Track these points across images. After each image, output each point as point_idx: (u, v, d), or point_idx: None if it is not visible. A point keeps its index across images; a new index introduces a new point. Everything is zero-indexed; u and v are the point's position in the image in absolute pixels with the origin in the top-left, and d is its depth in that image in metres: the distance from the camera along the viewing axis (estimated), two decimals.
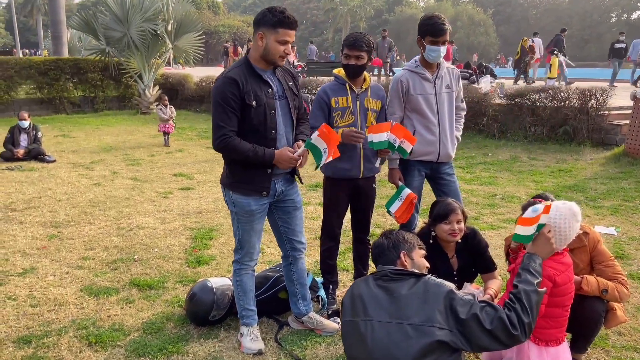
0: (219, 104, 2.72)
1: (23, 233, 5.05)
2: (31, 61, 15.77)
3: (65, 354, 2.98)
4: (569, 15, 66.57)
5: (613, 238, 5.03)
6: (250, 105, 2.75)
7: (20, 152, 8.65)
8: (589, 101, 9.72)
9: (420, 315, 2.08)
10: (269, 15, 2.71)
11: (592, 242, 2.74)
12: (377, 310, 2.18)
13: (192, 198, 6.44)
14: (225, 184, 2.96)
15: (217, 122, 2.73)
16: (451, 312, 2.04)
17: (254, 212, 2.93)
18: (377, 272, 2.34)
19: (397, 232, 2.45)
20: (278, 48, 2.75)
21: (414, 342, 2.04)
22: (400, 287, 2.19)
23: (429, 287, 2.15)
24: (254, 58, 2.83)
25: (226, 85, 2.71)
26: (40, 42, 52.58)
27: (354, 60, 3.26)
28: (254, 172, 2.85)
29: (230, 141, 2.72)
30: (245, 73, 2.78)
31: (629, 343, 3.17)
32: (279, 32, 2.72)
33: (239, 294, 3.12)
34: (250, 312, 3.13)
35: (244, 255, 3.07)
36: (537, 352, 2.39)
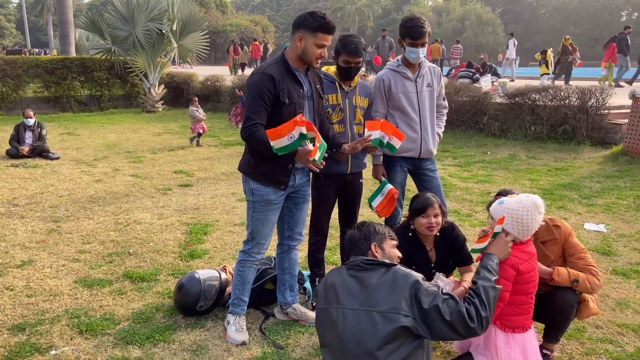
0: (254, 97, 2.84)
1: (24, 227, 5.20)
2: (39, 60, 16.00)
3: (57, 340, 3.10)
4: (579, 14, 66.10)
5: (602, 235, 5.09)
6: (283, 102, 2.87)
7: (25, 149, 8.83)
8: (588, 100, 9.74)
9: (388, 303, 2.17)
10: (311, 20, 2.85)
11: (563, 235, 2.82)
12: (348, 298, 2.28)
13: (191, 194, 6.57)
14: (247, 172, 3.05)
15: (248, 114, 2.85)
16: (415, 301, 2.14)
17: (272, 202, 3.04)
18: (349, 262, 2.44)
19: (369, 224, 2.54)
20: (315, 51, 2.88)
21: (380, 328, 2.14)
22: (370, 277, 2.29)
23: (397, 276, 2.25)
24: (290, 57, 2.96)
25: (263, 81, 2.83)
26: (50, 42, 53.08)
27: (353, 65, 3.38)
28: (275, 165, 2.95)
29: (256, 131, 2.81)
30: (282, 71, 2.90)
31: (605, 336, 3.24)
32: (318, 36, 2.86)
33: (237, 283, 3.20)
34: (243, 302, 3.23)
35: (253, 247, 3.13)
36: (503, 339, 2.48)
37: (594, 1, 66.52)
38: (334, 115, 3.49)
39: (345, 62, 3.36)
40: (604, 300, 3.69)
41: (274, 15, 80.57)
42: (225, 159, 8.94)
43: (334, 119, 3.48)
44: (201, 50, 16.50)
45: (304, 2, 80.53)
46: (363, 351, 2.14)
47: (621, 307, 3.60)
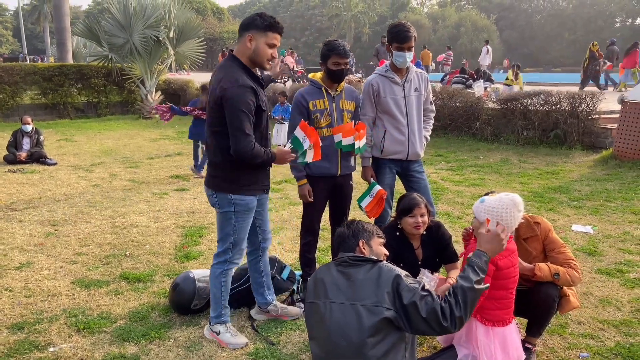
0: (242, 111, 2.78)
1: (22, 231, 5.29)
2: (36, 67, 16.12)
3: (55, 338, 3.20)
4: (573, 20, 66.61)
5: (589, 236, 5.21)
6: (264, 110, 2.94)
7: (23, 155, 8.92)
8: (579, 105, 9.89)
9: (373, 297, 2.27)
10: (260, 20, 2.88)
11: (543, 231, 2.93)
12: (336, 292, 2.38)
13: (186, 199, 6.67)
14: (223, 188, 2.98)
15: (244, 131, 2.79)
16: (397, 295, 2.24)
17: (253, 209, 3.10)
18: (338, 258, 2.54)
19: (357, 222, 2.65)
20: (267, 51, 2.90)
21: (365, 321, 2.24)
22: (357, 272, 2.39)
23: (382, 272, 2.35)
24: (243, 60, 2.93)
25: (247, 94, 2.80)
26: (47, 49, 53.21)
27: (343, 66, 3.50)
28: (258, 172, 3.04)
29: (256, 147, 2.83)
30: (251, 78, 2.88)
31: (587, 331, 3.35)
32: (268, 36, 2.88)
33: (222, 294, 3.17)
34: (227, 310, 3.25)
35: (235, 254, 3.13)
36: (484, 332, 2.58)
37: (589, 8, 67.08)
38: (322, 119, 3.60)
39: (336, 64, 3.48)
40: (587, 298, 3.80)
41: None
42: None
43: (322, 124, 3.59)
44: (198, 57, 16.64)
45: (300, 9, 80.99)
46: (348, 343, 2.23)
47: (603, 304, 3.71)
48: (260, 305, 3.49)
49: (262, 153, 2.88)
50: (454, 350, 2.67)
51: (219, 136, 2.91)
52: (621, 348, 3.12)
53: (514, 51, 62.97)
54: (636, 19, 66.78)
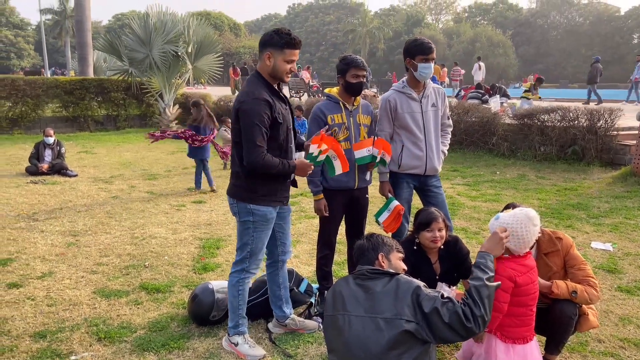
0: (255, 124, 2.88)
1: (43, 241, 5.39)
2: (58, 81, 16.49)
3: (77, 347, 3.25)
4: (590, 36, 66.27)
5: (608, 253, 5.15)
6: (280, 123, 3.01)
7: (45, 166, 9.11)
8: (597, 121, 9.81)
9: (392, 310, 2.29)
10: (277, 37, 2.97)
11: (565, 247, 2.92)
12: (354, 305, 2.40)
13: (204, 211, 6.74)
14: (245, 197, 3.07)
15: (255, 142, 2.89)
16: (418, 306, 2.26)
17: (272, 220, 3.16)
18: (356, 271, 2.56)
19: (377, 236, 2.67)
20: (285, 66, 3.01)
21: (385, 334, 2.26)
22: (375, 285, 2.41)
23: (400, 284, 2.37)
24: (265, 77, 3.05)
25: (262, 107, 2.90)
26: (68, 63, 54.38)
27: (362, 78, 3.57)
28: (276, 183, 3.09)
29: (267, 158, 2.91)
30: (270, 92, 3.00)
31: (607, 349, 3.31)
32: (285, 53, 2.98)
33: (239, 303, 3.21)
34: (245, 320, 3.29)
35: (252, 263, 3.19)
36: (504, 349, 2.57)
37: (605, 24, 66.68)
38: (340, 133, 3.64)
39: (355, 76, 3.53)
40: (607, 316, 3.76)
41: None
42: None
43: (340, 137, 3.64)
44: (215, 71, 16.89)
45: (316, 24, 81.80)
46: (368, 356, 2.25)
47: (624, 323, 3.67)
48: (278, 319, 3.51)
49: (275, 164, 2.94)
50: None
51: (238, 147, 3.03)
52: None
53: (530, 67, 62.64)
54: None
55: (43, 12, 53.78)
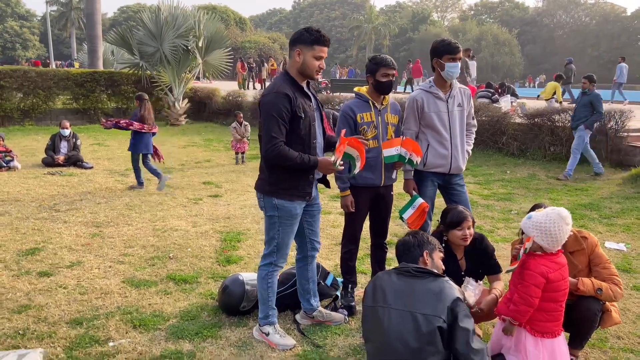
0: (273, 117, 2.99)
1: (68, 231, 5.50)
2: (69, 73, 16.59)
3: (114, 334, 3.36)
4: (596, 36, 66.14)
5: (622, 253, 5.24)
6: (300, 117, 3.08)
7: (61, 158, 9.23)
8: (608, 122, 9.89)
9: (432, 309, 2.43)
10: (307, 34, 3.09)
11: (590, 246, 3.02)
12: (395, 299, 2.52)
13: (221, 205, 6.85)
14: (267, 191, 3.18)
15: (271, 134, 2.99)
16: (452, 313, 2.43)
17: (297, 215, 3.25)
18: (400, 267, 2.68)
19: (422, 233, 2.81)
20: (314, 63, 3.10)
21: (423, 329, 2.39)
22: (418, 283, 2.55)
23: (445, 287, 2.52)
24: (292, 73, 3.15)
25: (280, 100, 3.01)
26: (73, 55, 54.47)
27: (391, 77, 3.65)
28: (299, 178, 3.16)
29: (282, 149, 3.00)
30: (293, 87, 3.10)
31: (627, 346, 3.41)
32: (315, 49, 3.08)
33: (269, 295, 3.32)
34: (275, 311, 3.40)
35: (279, 257, 3.30)
36: (533, 342, 2.68)
37: (612, 24, 66.50)
38: (369, 132, 3.73)
39: (385, 75, 3.62)
40: (625, 314, 3.85)
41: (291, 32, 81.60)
42: (250, 172, 9.23)
43: (369, 136, 3.73)
44: (225, 66, 16.97)
45: (321, 20, 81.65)
46: (407, 349, 2.37)
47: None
48: (305, 311, 3.61)
49: (293, 156, 3.01)
50: (504, 358, 2.77)
51: (261, 141, 3.14)
52: None
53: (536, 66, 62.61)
54: None
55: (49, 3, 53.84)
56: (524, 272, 2.66)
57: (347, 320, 3.64)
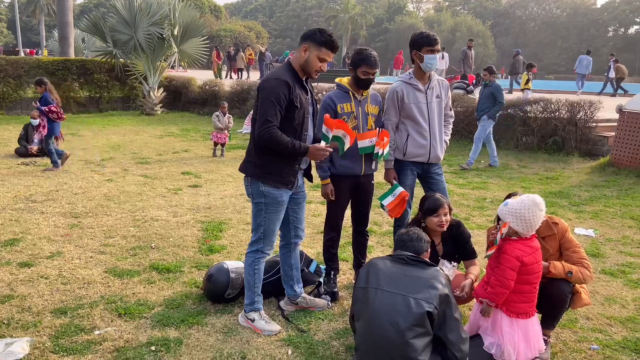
0: (271, 101, 3.08)
1: (46, 222, 5.45)
2: (40, 61, 16.17)
3: (99, 322, 3.39)
4: (567, 28, 67.49)
5: (591, 239, 5.47)
6: (296, 107, 3.17)
7: (34, 148, 9.05)
8: (577, 113, 10.21)
9: (424, 293, 2.57)
10: (319, 35, 3.19)
11: (561, 231, 3.17)
12: (388, 282, 2.66)
13: (201, 195, 6.85)
14: (254, 174, 3.25)
15: (266, 117, 3.08)
16: (445, 302, 2.60)
17: (283, 203, 3.33)
18: (394, 254, 2.82)
19: (420, 230, 3.03)
20: (317, 63, 3.21)
21: (414, 311, 2.52)
22: (412, 270, 2.72)
23: (438, 276, 2.68)
24: (295, 66, 3.25)
25: (280, 86, 3.10)
26: (42, 42, 52.96)
27: (371, 76, 3.73)
28: (285, 166, 3.25)
29: (275, 132, 3.09)
30: (294, 78, 3.19)
31: (595, 326, 3.60)
32: (322, 51, 3.19)
33: (255, 281, 3.40)
34: (261, 298, 3.48)
35: (266, 244, 3.38)
36: (508, 323, 2.83)
37: (582, 16, 67.91)
38: (348, 122, 3.81)
39: (365, 73, 3.70)
40: (593, 296, 4.05)
41: (267, 21, 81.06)
42: (230, 162, 9.24)
43: (349, 126, 3.81)
44: (201, 55, 16.80)
45: (297, 9, 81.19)
46: (395, 328, 2.49)
47: (609, 302, 3.97)
48: (289, 297, 3.69)
49: (284, 140, 3.10)
50: (481, 338, 2.91)
51: (254, 123, 3.22)
52: (628, 342, 3.37)
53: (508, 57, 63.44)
54: (629, 28, 67.69)
55: None
56: (500, 256, 2.80)
57: (330, 305, 3.74)
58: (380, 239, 5.32)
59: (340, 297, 3.89)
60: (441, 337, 2.58)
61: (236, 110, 15.28)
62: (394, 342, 2.51)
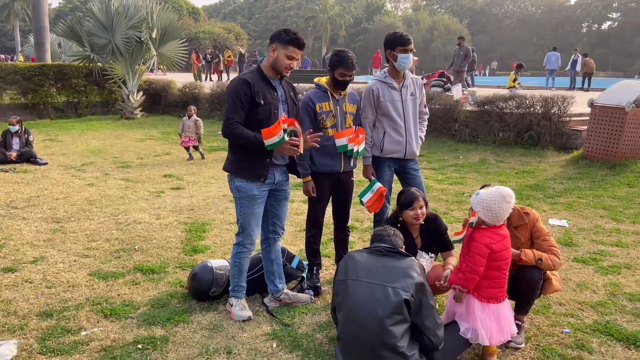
0: (232, 100, 3.29)
1: (28, 227, 5.45)
2: (16, 67, 15.99)
3: (85, 323, 3.44)
4: (542, 25, 68.59)
5: (564, 229, 5.66)
6: (259, 103, 3.32)
7: (13, 154, 8.98)
8: (551, 108, 10.45)
9: (400, 283, 2.69)
10: (284, 34, 3.36)
11: (532, 221, 3.32)
12: (366, 273, 2.78)
13: (183, 197, 6.90)
14: (230, 169, 3.47)
15: (228, 114, 3.30)
16: (421, 290, 2.72)
17: (255, 197, 3.45)
18: (372, 247, 2.94)
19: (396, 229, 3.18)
20: (285, 61, 3.36)
21: (392, 300, 2.64)
22: (388, 261, 2.84)
23: (413, 265, 2.80)
24: (264, 66, 3.43)
25: (240, 85, 3.29)
26: (17, 48, 52.08)
27: (348, 77, 3.85)
28: (254, 160, 3.39)
29: (235, 128, 3.28)
30: (257, 77, 3.37)
31: (568, 311, 3.75)
32: (289, 49, 3.35)
33: (235, 273, 3.59)
34: (242, 287, 3.64)
35: (245, 238, 3.53)
36: (480, 307, 2.97)
37: (556, 13, 69.07)
38: (327, 120, 3.92)
39: (342, 74, 3.81)
40: (566, 283, 4.21)
41: (246, 22, 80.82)
42: (211, 164, 9.28)
43: (327, 124, 3.92)
44: (180, 58, 16.76)
45: (276, 10, 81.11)
46: (374, 317, 2.61)
47: (581, 288, 4.13)
48: (272, 293, 3.79)
49: (246, 135, 3.28)
50: (457, 324, 3.03)
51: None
52: (598, 325, 3.53)
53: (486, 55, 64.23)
54: (602, 25, 69.10)
55: None
56: (470, 243, 2.94)
57: (313, 300, 3.84)
58: (361, 234, 5.43)
59: (323, 292, 3.99)
60: (418, 324, 2.70)
61: (217, 113, 15.29)
62: (374, 330, 2.62)
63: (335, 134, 3.88)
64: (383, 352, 2.61)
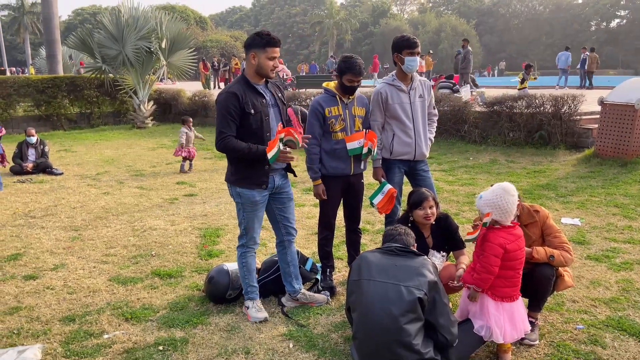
0: (222, 114, 3.35)
1: (47, 236, 5.57)
2: (29, 80, 16.28)
3: (107, 327, 3.53)
4: (550, 24, 68.25)
5: (577, 228, 5.67)
6: (249, 113, 3.39)
7: (29, 165, 9.16)
8: (562, 107, 10.43)
9: (414, 281, 2.75)
10: (258, 39, 3.41)
11: (542, 218, 3.36)
12: (379, 273, 2.84)
13: (197, 203, 7.00)
14: (231, 180, 3.57)
15: (220, 129, 3.37)
16: (434, 289, 2.76)
17: (258, 202, 3.55)
18: (384, 247, 3.00)
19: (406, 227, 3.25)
20: (268, 63, 3.41)
21: (405, 298, 2.69)
22: (401, 260, 2.89)
23: (426, 264, 2.86)
24: (249, 74, 3.48)
25: (229, 99, 3.35)
26: (28, 60, 52.86)
27: (356, 83, 3.92)
28: (254, 168, 3.48)
29: (228, 142, 3.36)
30: (244, 87, 3.42)
31: (581, 308, 3.78)
32: (267, 51, 3.40)
33: (244, 273, 3.69)
34: (254, 288, 3.72)
35: (248, 240, 3.66)
36: (494, 306, 3.00)
37: (564, 12, 68.70)
38: (337, 124, 3.99)
39: (350, 80, 3.88)
40: (579, 280, 4.23)
41: (252, 30, 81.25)
42: (223, 170, 9.27)
43: (337, 128, 3.99)
44: (189, 67, 16.95)
45: (282, 17, 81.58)
46: (389, 316, 2.67)
47: (594, 285, 4.15)
48: (290, 293, 3.86)
49: (240, 147, 3.35)
50: (471, 322, 3.07)
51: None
52: (611, 320, 3.55)
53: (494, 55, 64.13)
54: (610, 22, 68.58)
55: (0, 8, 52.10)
56: (485, 244, 2.97)
57: (329, 300, 3.91)
58: (373, 237, 5.49)
59: (337, 293, 4.05)
60: (432, 322, 2.74)
61: None
62: (388, 328, 2.68)
63: (346, 138, 3.95)
64: (398, 350, 2.66)
